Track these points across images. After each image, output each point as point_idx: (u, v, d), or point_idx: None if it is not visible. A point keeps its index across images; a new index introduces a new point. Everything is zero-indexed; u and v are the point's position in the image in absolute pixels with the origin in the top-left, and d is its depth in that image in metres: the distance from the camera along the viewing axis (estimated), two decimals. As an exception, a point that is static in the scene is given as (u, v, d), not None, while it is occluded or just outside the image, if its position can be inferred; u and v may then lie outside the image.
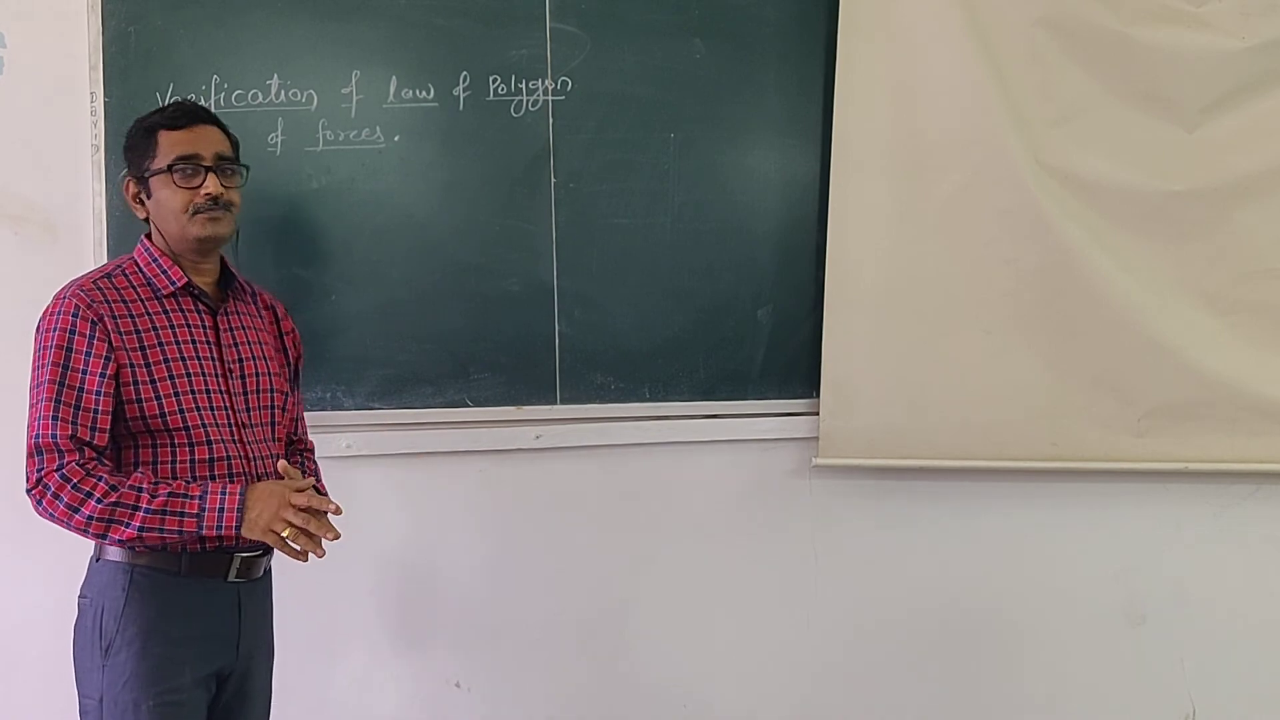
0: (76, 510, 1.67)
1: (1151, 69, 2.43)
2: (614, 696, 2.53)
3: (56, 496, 1.67)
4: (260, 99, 2.38)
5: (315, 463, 2.10)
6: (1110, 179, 2.46)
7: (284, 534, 1.70)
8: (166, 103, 1.88)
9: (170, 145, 1.82)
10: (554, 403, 2.45)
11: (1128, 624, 2.60)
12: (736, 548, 2.54)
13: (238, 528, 1.71)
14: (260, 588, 1.91)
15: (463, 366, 2.42)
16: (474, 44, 2.41)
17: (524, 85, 2.42)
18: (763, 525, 2.54)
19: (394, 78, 2.39)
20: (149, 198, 1.85)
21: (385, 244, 2.41)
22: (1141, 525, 2.58)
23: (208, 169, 1.82)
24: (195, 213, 1.81)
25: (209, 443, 1.79)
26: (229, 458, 1.81)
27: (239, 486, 1.73)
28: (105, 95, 2.35)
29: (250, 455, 1.85)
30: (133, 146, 1.87)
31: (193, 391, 1.79)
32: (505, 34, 2.41)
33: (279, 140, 2.39)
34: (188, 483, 1.74)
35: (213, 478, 1.78)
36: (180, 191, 1.81)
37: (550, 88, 2.42)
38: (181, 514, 1.69)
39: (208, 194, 1.81)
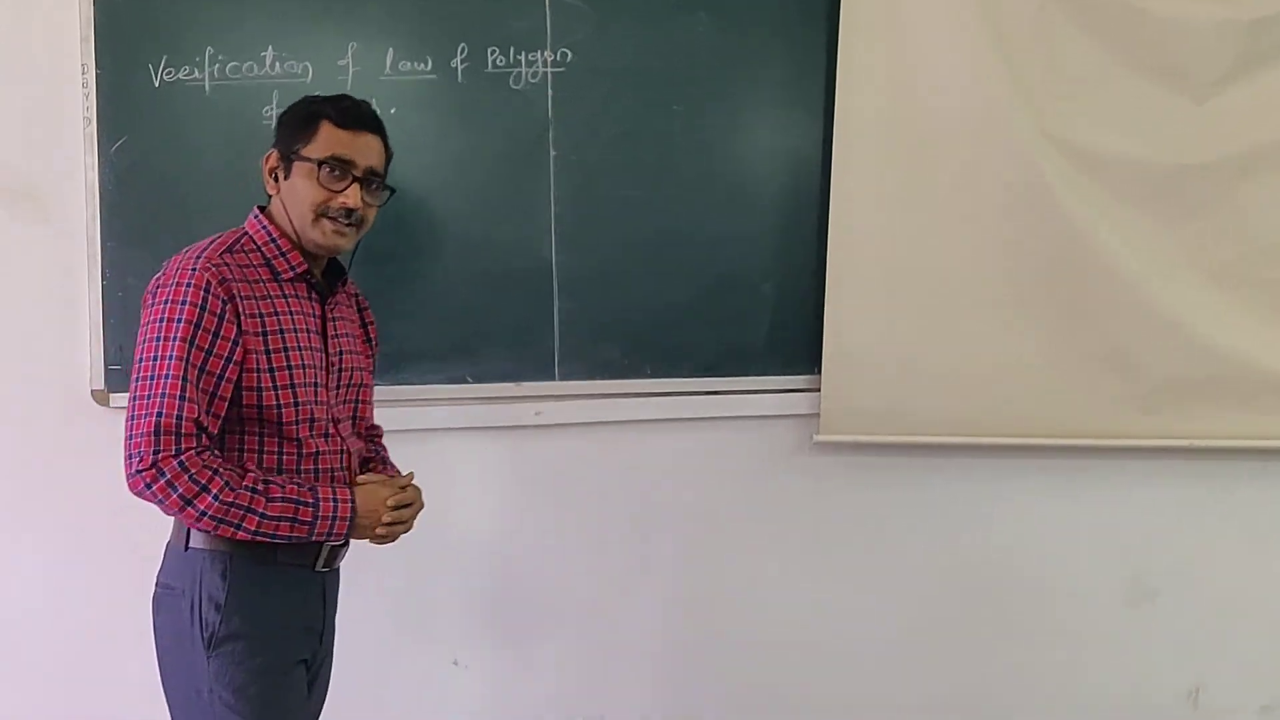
0: (190, 503, 1.60)
1: (1161, 40, 2.39)
2: (614, 674, 2.51)
3: (171, 485, 1.59)
4: (255, 71, 2.35)
5: (384, 446, 2.06)
6: (1118, 152, 2.42)
7: (382, 534, 1.76)
8: (338, 93, 1.83)
9: (329, 141, 1.75)
10: (554, 379, 2.42)
11: (1134, 601, 2.59)
12: (737, 525, 2.52)
13: (347, 535, 1.73)
14: (336, 577, 1.88)
15: (462, 343, 2.40)
16: (472, 15, 2.37)
17: (523, 57, 2.38)
18: (764, 502, 2.52)
19: (391, 49, 2.36)
20: (286, 177, 1.78)
21: (381, 218, 2.35)
22: (1147, 503, 2.56)
23: (355, 178, 1.76)
24: (324, 216, 1.75)
25: (313, 438, 1.75)
26: (327, 452, 1.78)
27: (349, 493, 1.73)
28: (97, 68, 2.32)
29: (345, 450, 1.82)
30: (290, 123, 1.79)
31: (305, 385, 1.74)
32: (504, 5, 2.37)
33: (274, 113, 2.34)
34: (298, 485, 1.70)
35: (316, 474, 1.76)
36: (320, 190, 1.75)
37: (550, 60, 2.38)
38: (294, 520, 1.67)
39: (345, 204, 1.75)
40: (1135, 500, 2.56)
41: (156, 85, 2.34)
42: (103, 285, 2.34)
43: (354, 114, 1.78)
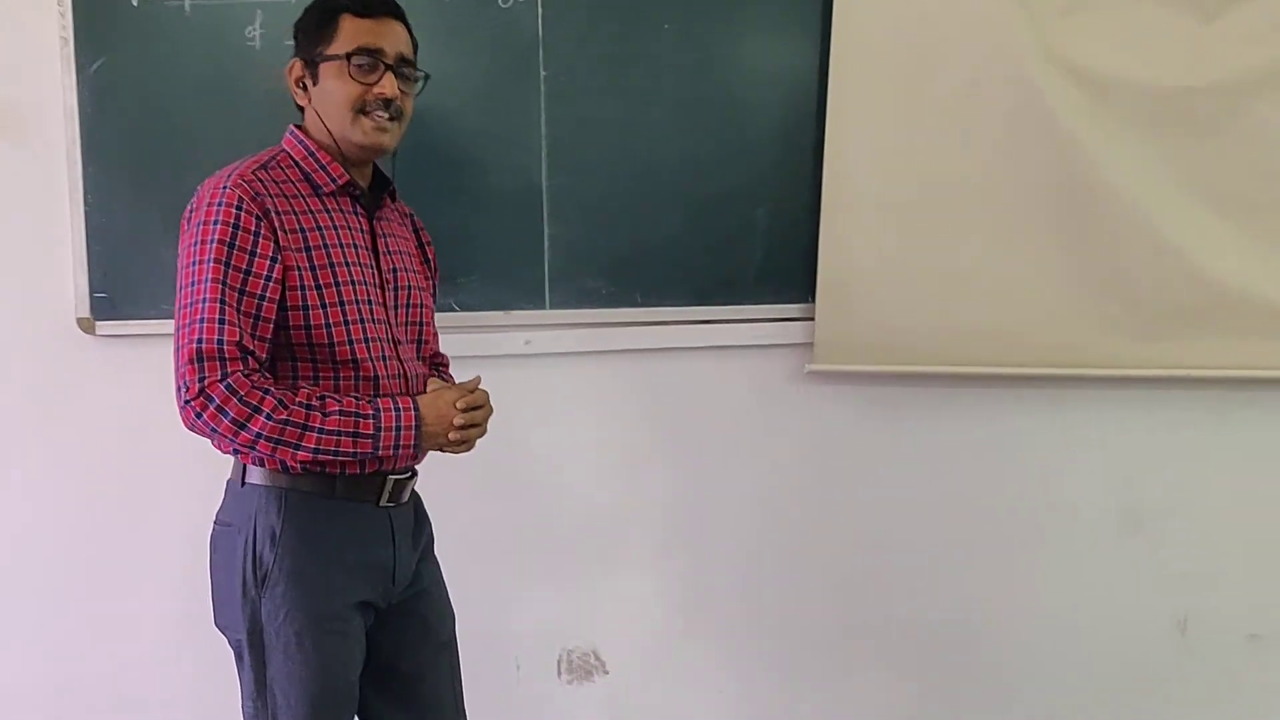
0: (243, 426, 1.53)
1: (1166, -42, 2.33)
2: (606, 606, 2.52)
3: (221, 410, 1.52)
4: (236, -10, 2.29)
5: (451, 377, 1.97)
6: (1122, 74, 2.36)
7: (456, 439, 1.68)
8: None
9: (353, 33, 1.66)
10: (543, 307, 2.39)
11: (1125, 530, 2.58)
12: (730, 455, 2.50)
13: (416, 445, 1.65)
14: (408, 513, 1.80)
15: (449, 270, 2.35)
16: (459, -68, 2.30)
17: (511, -26, 2.32)
18: (757, 432, 2.50)
19: (375, -33, 2.29)
20: (314, 84, 1.70)
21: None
22: (1142, 432, 2.54)
23: (388, 67, 1.67)
24: (363, 111, 1.67)
25: (370, 360, 1.67)
26: (387, 377, 1.69)
27: (410, 402, 1.64)
28: (74, -15, 2.26)
29: (407, 374, 1.75)
30: (307, 27, 1.71)
31: (356, 302, 1.66)
32: (491, -79, 2.30)
33: (257, 34, 2.30)
34: (357, 398, 1.62)
35: (376, 398, 1.66)
36: (353, 84, 1.66)
37: (539, -23, 2.32)
38: (356, 434, 1.59)
39: (381, 94, 1.66)
40: (1131, 429, 2.54)
41: (135, 4, 2.28)
42: (85, 210, 2.30)
43: (374, 1, 1.69)
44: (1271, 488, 2.59)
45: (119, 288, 2.33)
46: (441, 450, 1.72)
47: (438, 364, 1.97)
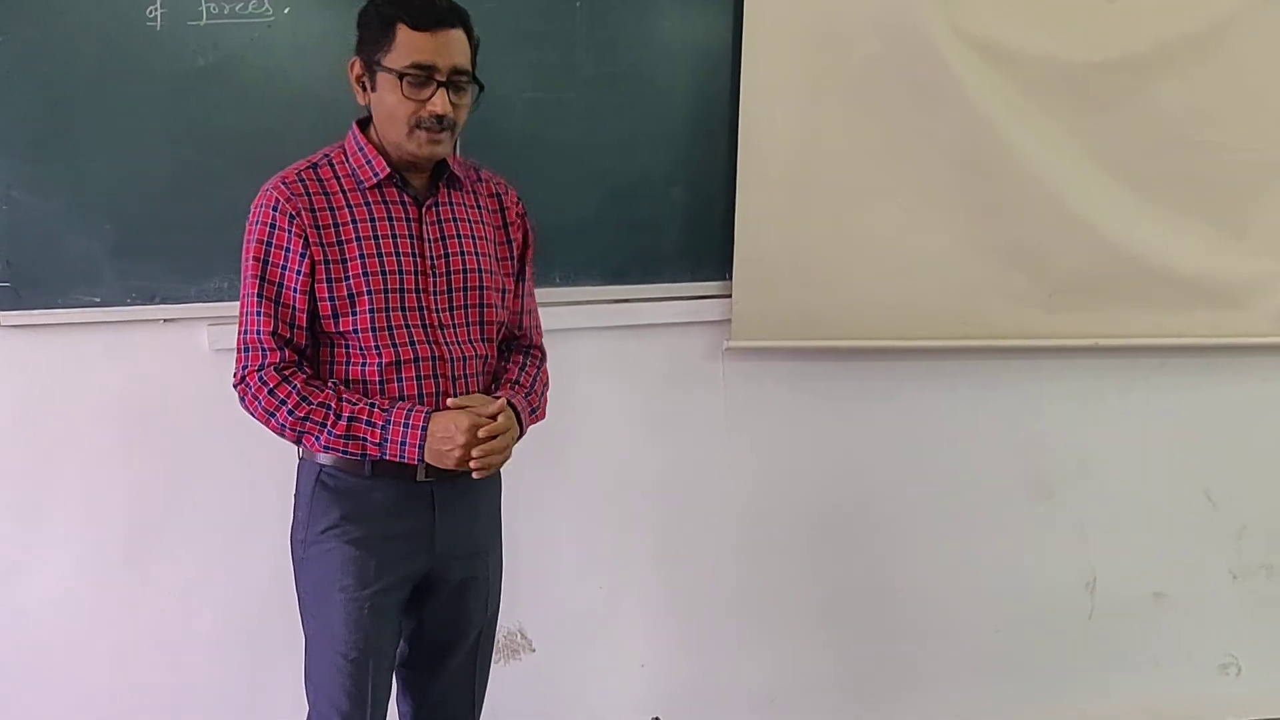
0: (272, 415, 1.70)
1: (1071, -66, 2.36)
2: (529, 587, 2.53)
3: (255, 398, 1.70)
4: (135, -32, 2.22)
5: (540, 367, 1.97)
6: (1029, 47, 2.40)
7: (471, 464, 1.69)
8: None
9: (408, 47, 1.67)
10: (459, 289, 2.37)
11: (1034, 497, 2.66)
12: (650, 432, 2.52)
13: (420, 460, 1.70)
14: (463, 485, 1.79)
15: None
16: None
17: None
18: (676, 410, 2.52)
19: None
20: (373, 89, 1.72)
21: (279, 124, 2.28)
22: (1050, 401, 2.61)
23: (440, 83, 1.69)
24: (417, 127, 1.70)
25: (394, 345, 1.73)
26: (417, 359, 1.74)
27: (422, 417, 1.68)
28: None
29: (447, 356, 1.76)
30: (367, 27, 1.72)
31: (386, 291, 1.72)
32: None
33: (159, 14, 2.23)
34: (372, 405, 1.70)
35: (400, 381, 1.73)
36: (406, 102, 1.68)
37: (447, -47, 2.28)
38: (364, 439, 1.69)
39: (433, 112, 1.68)
40: (1038, 399, 2.61)
41: (31, -17, 2.21)
42: (-15, 199, 2.24)
43: (430, 12, 1.68)
44: (1175, 452, 2.68)
45: (23, 277, 2.27)
46: (457, 468, 1.72)
47: (526, 348, 1.97)
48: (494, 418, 1.71)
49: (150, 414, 2.35)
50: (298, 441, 1.73)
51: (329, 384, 1.73)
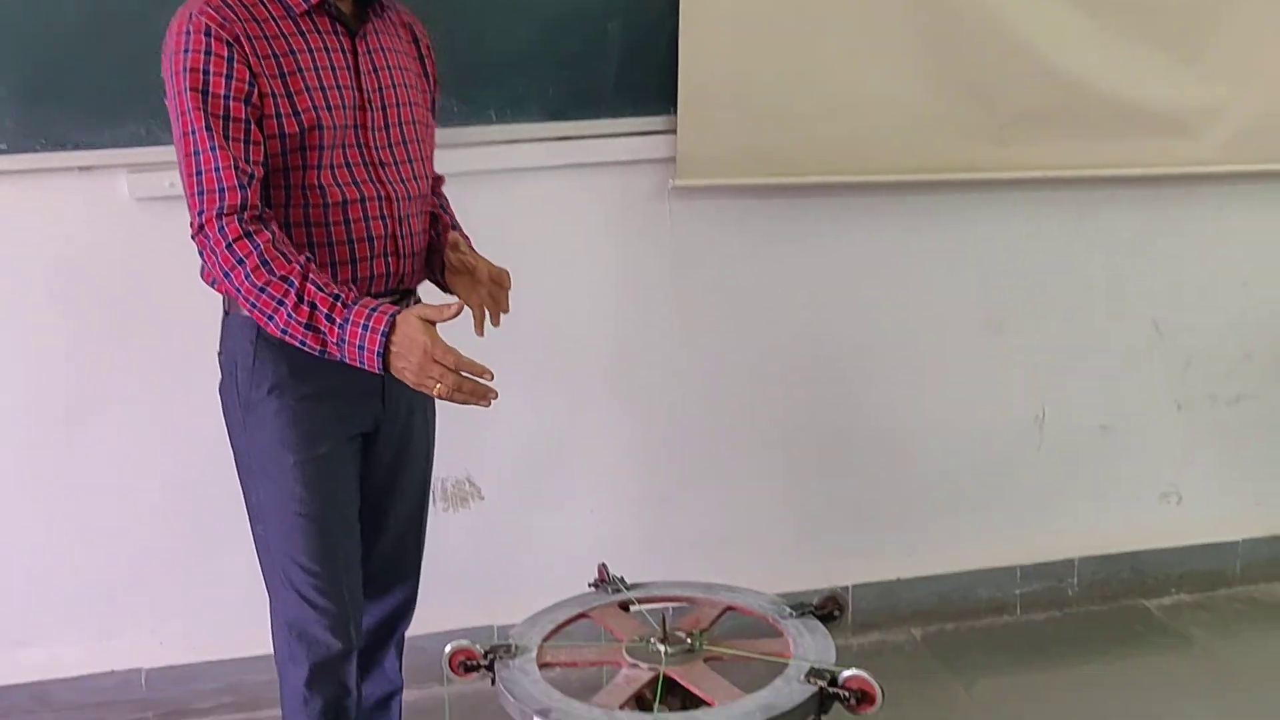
0: (227, 276, 1.51)
1: None
2: (477, 435, 2.50)
3: (213, 251, 1.51)
4: None
5: (444, 196, 1.92)
6: None
7: (435, 392, 1.52)
8: None
9: None
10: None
11: (986, 331, 2.65)
12: (595, 274, 2.47)
13: (383, 371, 1.52)
14: None
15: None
16: None
17: None
18: (622, 252, 2.46)
19: None
20: None
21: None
22: (1002, 234, 2.58)
23: None
24: None
25: (337, 185, 1.60)
26: (364, 200, 1.62)
27: (383, 322, 1.48)
28: None
29: (393, 196, 1.66)
30: None
31: (331, 127, 1.59)
32: None
33: None
34: (335, 297, 1.49)
35: (348, 224, 1.61)
36: None
37: None
38: (323, 335, 1.50)
39: None
40: (991, 231, 2.57)
41: None
42: None
43: None
44: (1125, 284, 2.68)
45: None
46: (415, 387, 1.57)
47: (436, 184, 1.89)
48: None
49: (74, 268, 2.25)
50: (249, 310, 1.53)
51: (301, 257, 1.52)
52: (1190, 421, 2.80)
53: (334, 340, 1.50)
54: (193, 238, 1.54)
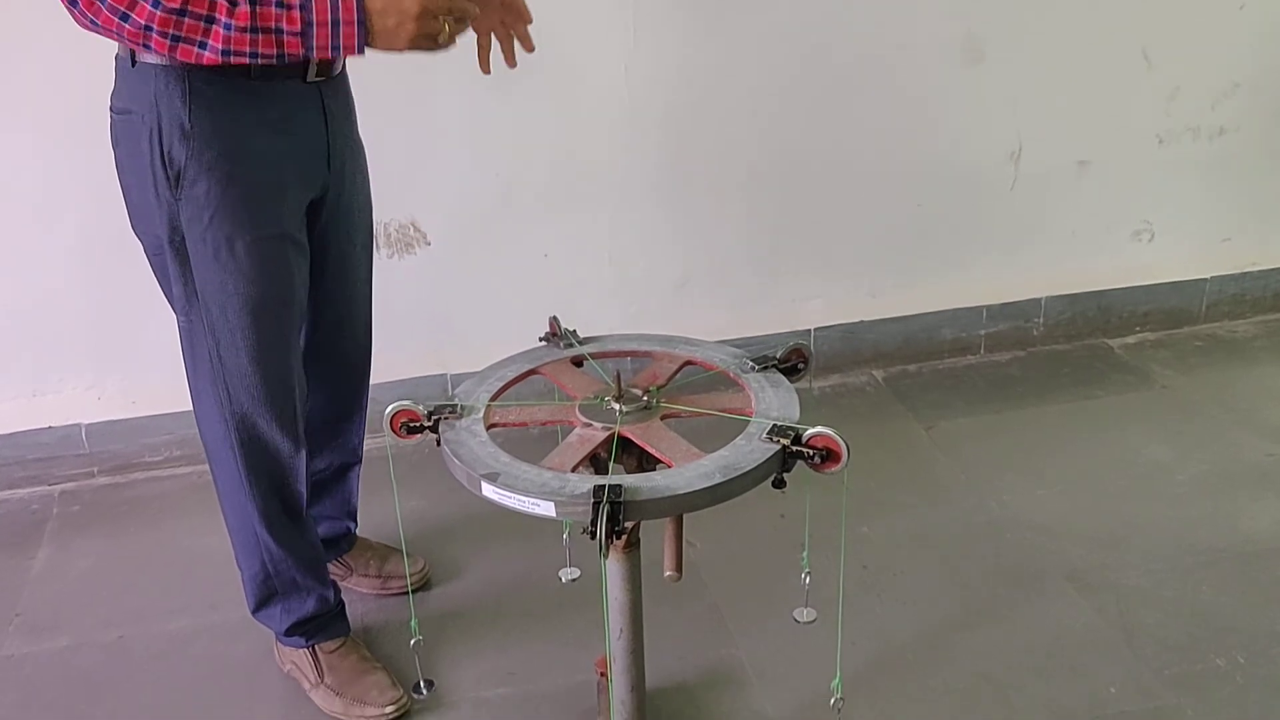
0: (126, 17, 1.24)
1: None
2: (421, 178, 2.34)
3: None
4: None
5: None
6: None
7: (448, 37, 1.28)
8: None
9: None
10: None
11: (966, 63, 2.48)
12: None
13: (363, 46, 1.28)
14: (341, 86, 1.56)
15: None
16: None
17: None
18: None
19: None
20: None
21: None
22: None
23: None
24: None
25: None
26: None
27: None
28: None
29: None
30: None
31: None
32: None
33: None
34: None
35: None
36: None
37: None
38: (278, 30, 1.26)
39: None
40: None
41: None
42: None
43: None
44: (1116, 8, 2.49)
45: None
46: (412, 48, 1.34)
47: None
48: None
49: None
50: (169, 52, 1.28)
51: None
52: (1170, 156, 2.68)
53: (293, 31, 1.27)
54: None
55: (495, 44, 1.60)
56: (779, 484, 1.30)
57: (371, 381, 1.87)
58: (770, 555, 2.05)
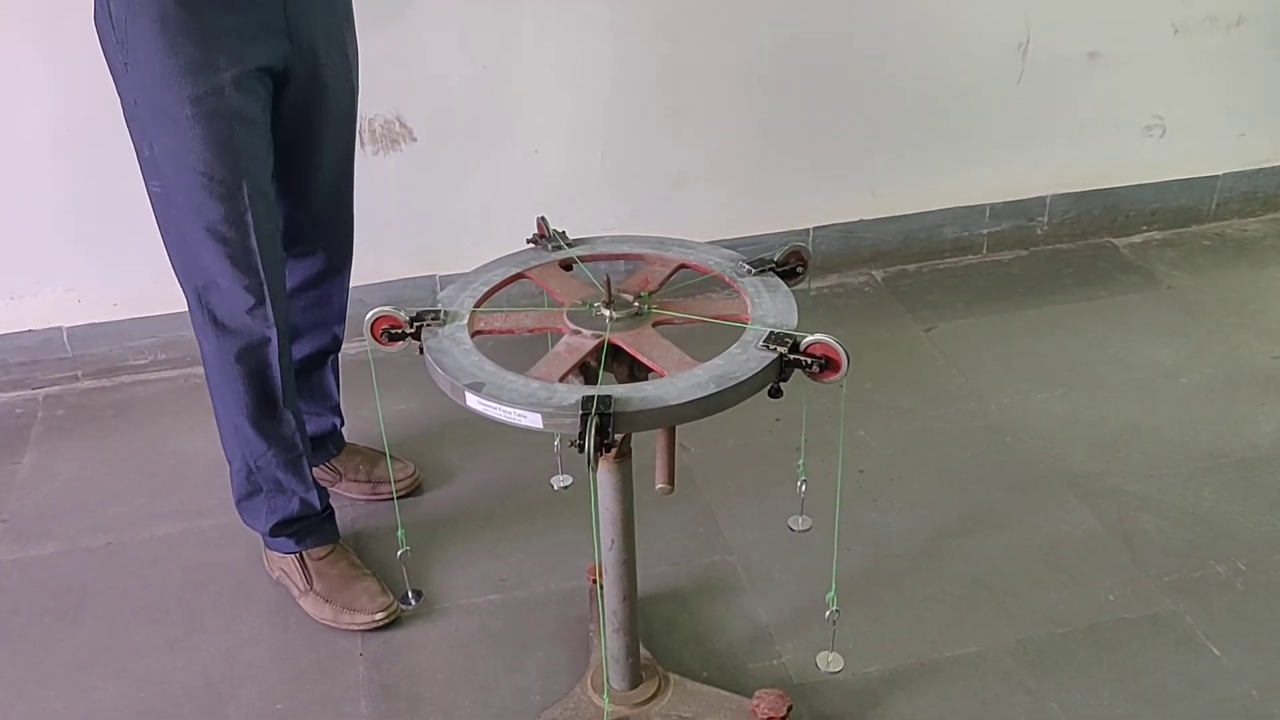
0: None
1: None
2: (406, 71, 2.25)
3: None
4: None
5: None
6: None
7: None
8: None
9: None
10: None
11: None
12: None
13: None
14: None
15: None
16: None
17: None
18: None
19: None
20: None
21: None
22: None
23: None
24: None
25: None
26: None
27: None
28: None
29: None
30: None
31: None
32: None
33: None
34: None
35: None
36: None
37: None
38: None
39: None
40: None
41: None
42: None
43: None
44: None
45: None
46: None
47: None
48: None
49: None
50: None
51: None
52: (1185, 47, 2.57)
53: None
54: None
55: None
56: (775, 393, 1.25)
57: (358, 283, 1.81)
58: (765, 459, 2.02)
